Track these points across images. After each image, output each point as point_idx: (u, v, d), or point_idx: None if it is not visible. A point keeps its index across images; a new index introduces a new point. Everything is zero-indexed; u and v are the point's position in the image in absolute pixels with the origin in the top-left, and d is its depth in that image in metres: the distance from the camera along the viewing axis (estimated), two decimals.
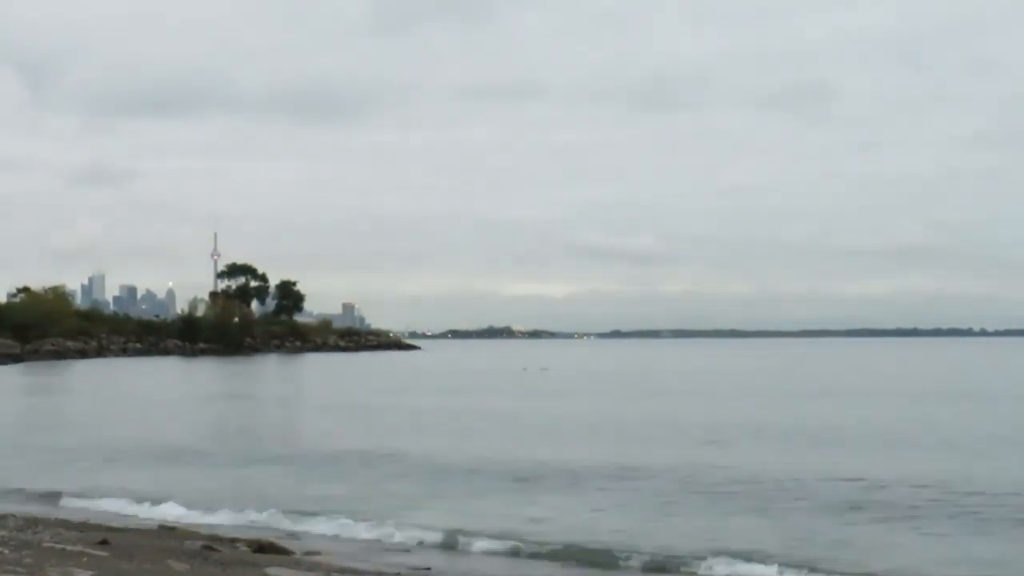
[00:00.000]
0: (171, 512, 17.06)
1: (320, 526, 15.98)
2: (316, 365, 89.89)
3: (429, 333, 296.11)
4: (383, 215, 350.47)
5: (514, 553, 14.22)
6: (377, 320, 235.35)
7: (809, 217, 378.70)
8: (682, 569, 13.23)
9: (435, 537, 14.96)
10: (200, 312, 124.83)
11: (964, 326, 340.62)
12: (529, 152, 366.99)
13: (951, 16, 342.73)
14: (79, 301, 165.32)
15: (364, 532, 15.47)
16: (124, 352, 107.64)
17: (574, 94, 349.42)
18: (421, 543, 14.76)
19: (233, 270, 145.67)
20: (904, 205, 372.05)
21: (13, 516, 15.34)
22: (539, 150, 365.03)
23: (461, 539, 14.78)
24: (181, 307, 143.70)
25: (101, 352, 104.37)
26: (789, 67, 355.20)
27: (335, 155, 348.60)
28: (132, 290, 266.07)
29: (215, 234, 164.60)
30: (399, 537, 15.05)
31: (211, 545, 13.50)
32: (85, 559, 11.84)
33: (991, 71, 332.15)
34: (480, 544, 14.48)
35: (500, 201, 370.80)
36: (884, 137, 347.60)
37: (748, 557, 13.35)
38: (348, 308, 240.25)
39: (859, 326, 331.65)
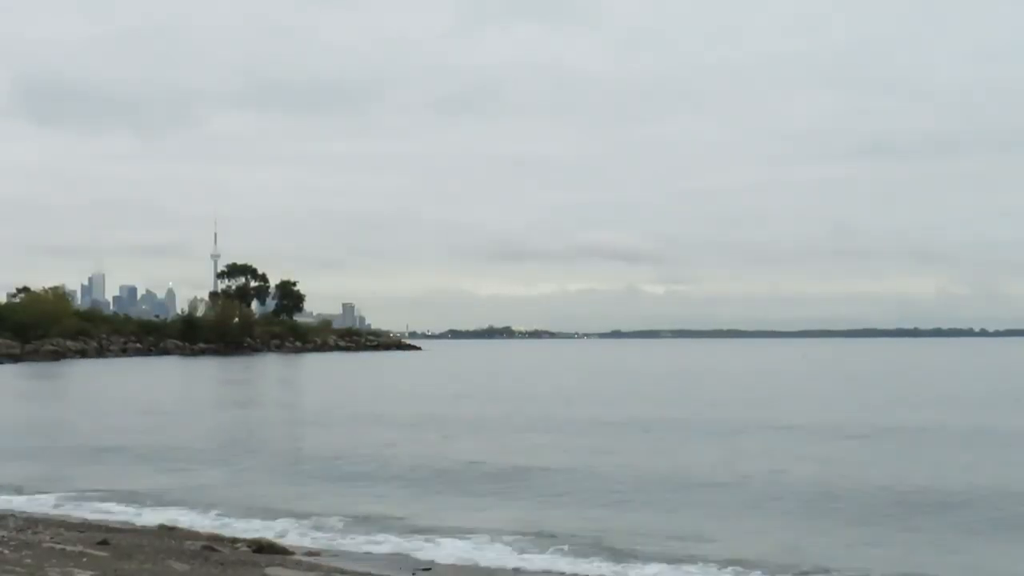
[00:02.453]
0: (171, 512, 17.03)
1: (321, 526, 15.95)
2: (315, 365, 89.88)
3: (429, 333, 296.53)
4: (383, 216, 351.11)
5: (518, 549, 14.20)
6: (377, 320, 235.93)
7: (806, 218, 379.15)
8: None
9: (434, 536, 14.94)
10: (200, 312, 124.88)
11: (964, 326, 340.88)
12: (523, 158, 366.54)
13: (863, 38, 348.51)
14: (79, 301, 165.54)
15: (364, 532, 15.44)
16: (124, 352, 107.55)
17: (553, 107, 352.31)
18: (421, 542, 14.72)
19: (233, 270, 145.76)
20: (902, 206, 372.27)
21: (13, 516, 15.33)
22: (531, 157, 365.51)
23: (459, 538, 14.76)
24: (181, 307, 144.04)
25: (101, 352, 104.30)
26: (734, 84, 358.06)
27: (335, 156, 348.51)
28: (132, 290, 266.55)
29: (215, 234, 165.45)
30: (399, 537, 15.02)
31: (211, 545, 13.48)
32: (85, 559, 11.82)
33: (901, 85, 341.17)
34: (480, 542, 14.46)
35: (500, 203, 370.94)
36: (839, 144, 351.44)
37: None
38: (348, 308, 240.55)
39: (859, 326, 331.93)
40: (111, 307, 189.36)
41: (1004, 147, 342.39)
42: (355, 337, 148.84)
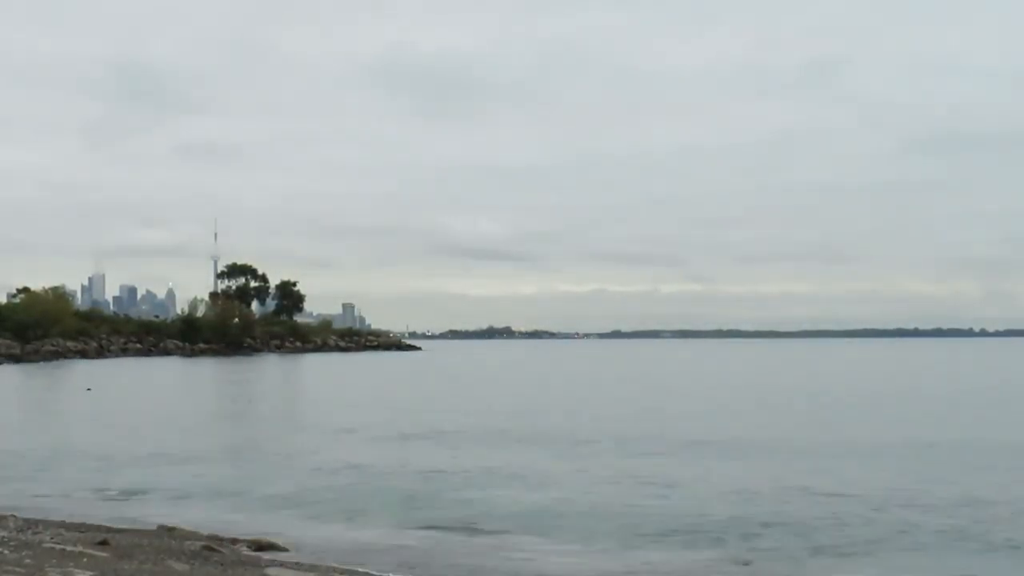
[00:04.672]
0: (171, 512, 17.01)
1: (321, 526, 15.95)
2: (315, 366, 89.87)
3: (429, 333, 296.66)
4: (384, 216, 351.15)
5: (519, 550, 14.18)
6: (377, 320, 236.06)
7: (806, 219, 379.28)
8: None
9: (432, 538, 14.94)
10: (200, 312, 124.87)
11: (964, 326, 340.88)
12: (517, 160, 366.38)
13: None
14: (79, 301, 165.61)
15: (364, 533, 15.43)
16: (124, 352, 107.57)
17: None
18: (421, 542, 14.72)
19: (233, 270, 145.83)
20: (902, 207, 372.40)
21: (13, 516, 15.29)
22: (524, 159, 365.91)
23: (459, 538, 14.76)
24: (181, 307, 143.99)
25: (101, 352, 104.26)
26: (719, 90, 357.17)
27: (336, 157, 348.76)
28: (132, 290, 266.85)
29: (215, 234, 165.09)
30: (399, 537, 15.02)
31: (211, 545, 13.45)
32: (85, 559, 11.80)
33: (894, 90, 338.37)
34: (477, 544, 14.46)
35: (498, 205, 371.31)
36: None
37: None
38: (348, 308, 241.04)
39: (859, 326, 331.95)
40: (111, 307, 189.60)
41: (1004, 147, 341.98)
42: (355, 337, 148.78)
